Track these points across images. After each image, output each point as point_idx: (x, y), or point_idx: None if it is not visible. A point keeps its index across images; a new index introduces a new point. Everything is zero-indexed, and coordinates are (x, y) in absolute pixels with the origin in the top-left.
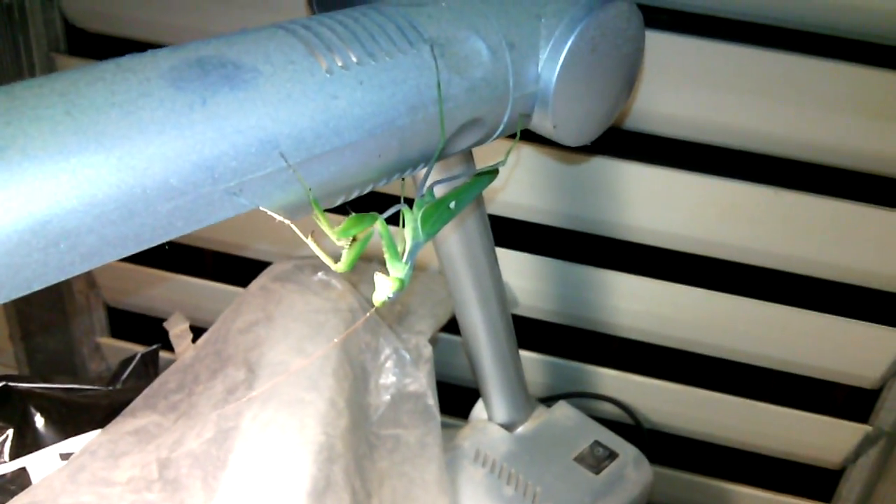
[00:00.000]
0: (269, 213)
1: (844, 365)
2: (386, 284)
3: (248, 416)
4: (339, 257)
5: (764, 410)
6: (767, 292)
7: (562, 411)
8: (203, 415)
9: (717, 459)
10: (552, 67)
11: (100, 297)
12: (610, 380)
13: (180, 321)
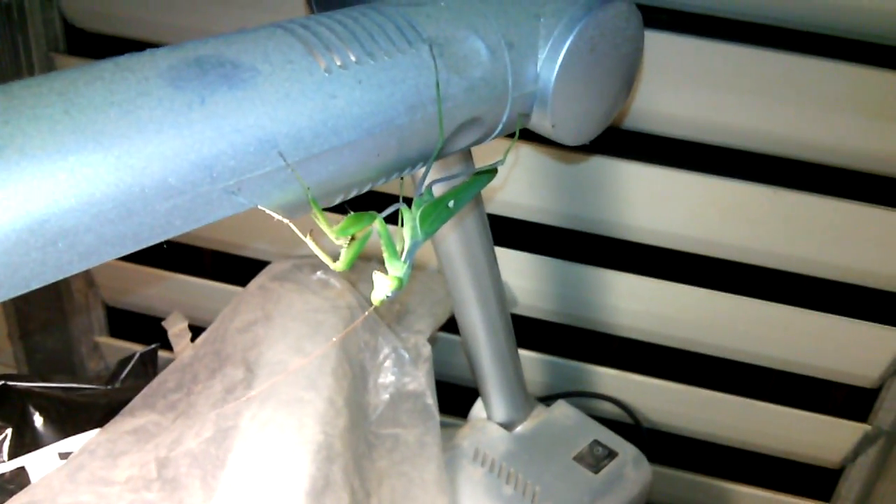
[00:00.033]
0: (268, 212)
1: (844, 364)
2: (385, 283)
3: (246, 416)
4: (338, 256)
5: (763, 410)
6: (767, 292)
7: (561, 410)
8: (202, 414)
9: (716, 459)
10: (551, 67)
11: (98, 296)
12: (609, 379)
13: (179, 320)
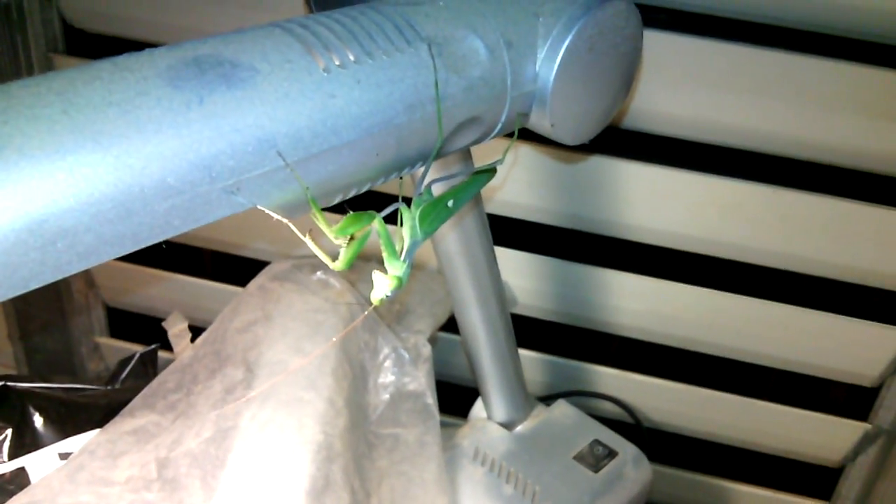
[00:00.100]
0: (267, 211)
1: (844, 363)
2: (384, 283)
3: (246, 416)
4: (338, 256)
5: (763, 409)
6: (767, 291)
7: (561, 410)
8: (202, 414)
9: (716, 458)
10: (550, 66)
11: (98, 296)
12: (609, 378)
13: (179, 321)
